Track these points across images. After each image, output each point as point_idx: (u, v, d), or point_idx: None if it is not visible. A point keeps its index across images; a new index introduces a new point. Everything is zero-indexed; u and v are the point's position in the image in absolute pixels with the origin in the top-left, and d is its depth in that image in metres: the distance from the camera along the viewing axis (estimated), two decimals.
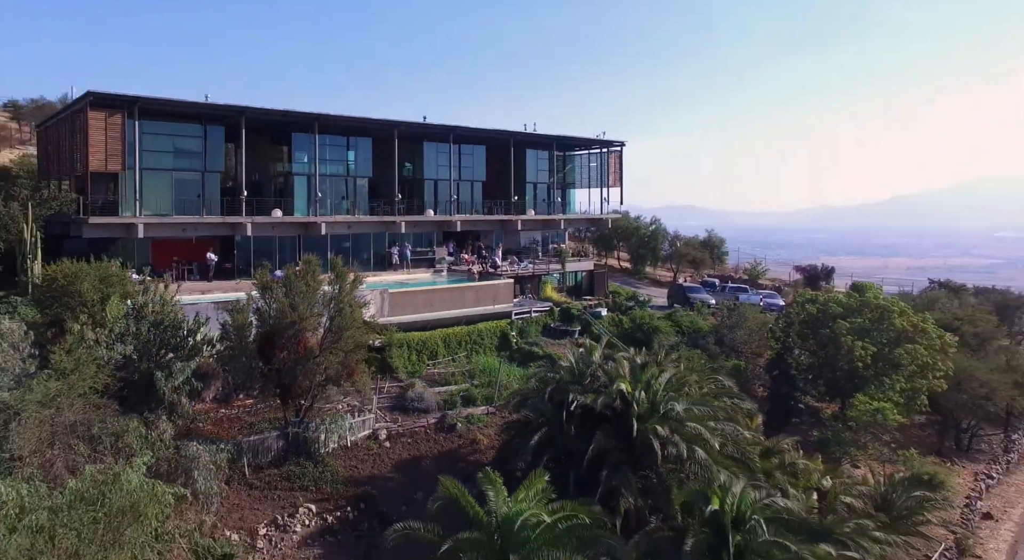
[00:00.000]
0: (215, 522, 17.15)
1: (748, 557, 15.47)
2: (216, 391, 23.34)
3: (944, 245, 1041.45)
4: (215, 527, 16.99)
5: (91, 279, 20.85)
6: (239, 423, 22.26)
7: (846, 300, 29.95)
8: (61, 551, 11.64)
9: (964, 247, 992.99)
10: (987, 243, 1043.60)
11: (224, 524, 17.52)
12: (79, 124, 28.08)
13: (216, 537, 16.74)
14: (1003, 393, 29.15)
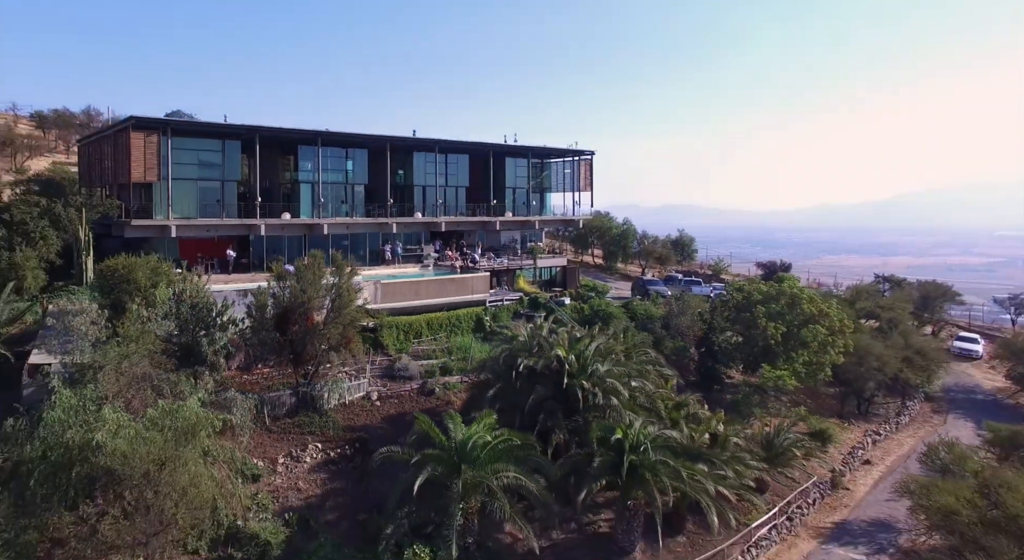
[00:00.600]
0: (245, 452, 22.71)
1: (639, 470, 21.07)
2: (239, 361, 28.84)
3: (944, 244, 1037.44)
4: (246, 455, 22.54)
5: (144, 270, 26.43)
6: (259, 386, 27.73)
7: (766, 289, 35.48)
8: (151, 448, 17.21)
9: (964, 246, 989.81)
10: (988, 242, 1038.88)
11: (251, 454, 23.05)
12: (121, 142, 33.65)
13: (246, 461, 22.32)
14: (892, 366, 34.73)
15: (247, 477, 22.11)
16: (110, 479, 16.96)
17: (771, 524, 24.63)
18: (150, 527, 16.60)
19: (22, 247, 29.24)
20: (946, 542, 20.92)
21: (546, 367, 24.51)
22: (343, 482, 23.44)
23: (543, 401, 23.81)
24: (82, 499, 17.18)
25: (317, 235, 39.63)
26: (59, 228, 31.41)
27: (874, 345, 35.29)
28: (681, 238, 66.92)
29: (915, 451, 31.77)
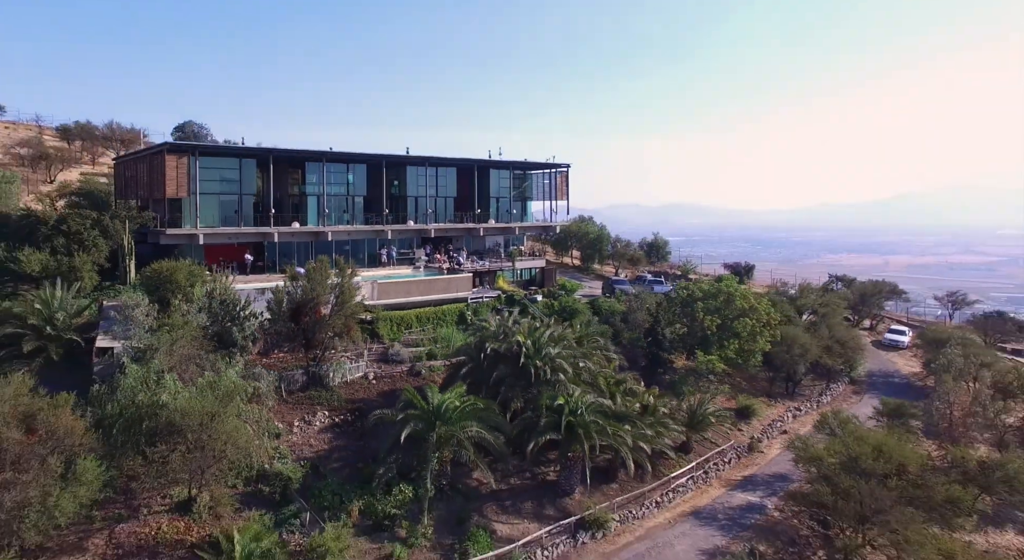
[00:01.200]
0: (269, 415, 28.78)
1: (575, 428, 27.17)
2: (260, 347, 34.87)
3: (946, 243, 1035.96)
4: (270, 417, 28.61)
5: (183, 272, 32.54)
6: (277, 366, 33.63)
7: (706, 288, 41.50)
8: (204, 404, 23.27)
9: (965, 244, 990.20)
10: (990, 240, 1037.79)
11: (273, 418, 29.10)
12: (157, 163, 39.77)
13: (270, 422, 28.40)
14: (813, 353, 40.74)
15: (271, 434, 28.24)
16: (171, 430, 23.04)
17: (689, 476, 30.71)
18: (205, 462, 22.70)
19: (79, 253, 35.39)
20: (816, 486, 26.96)
21: (508, 350, 30.57)
22: (345, 440, 29.52)
23: (504, 377, 29.90)
24: (149, 445, 23.34)
25: (322, 241, 45.72)
26: (107, 236, 37.53)
27: (799, 335, 41.32)
28: (656, 241, 73.06)
29: None
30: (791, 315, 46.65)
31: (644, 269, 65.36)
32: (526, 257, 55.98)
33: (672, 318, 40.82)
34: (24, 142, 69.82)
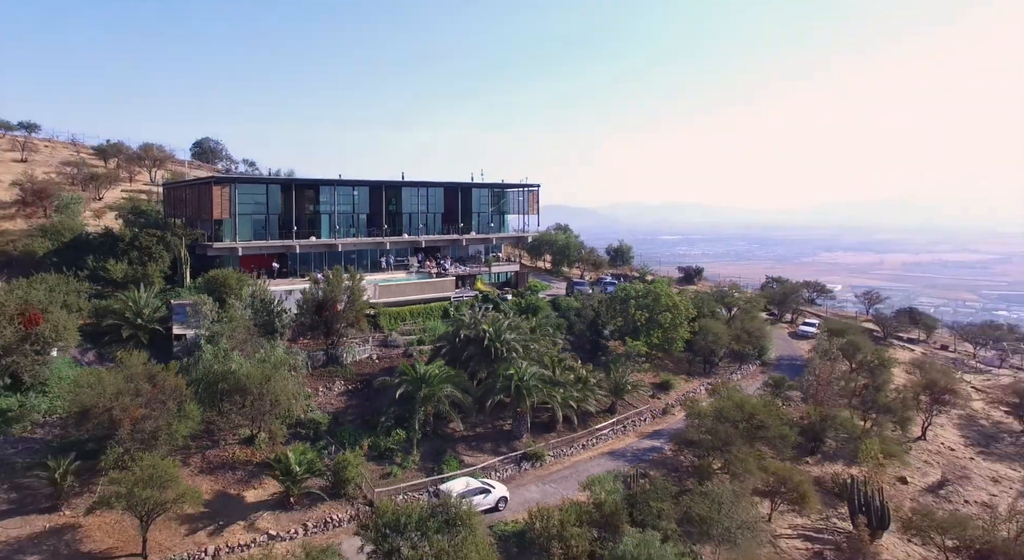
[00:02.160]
0: (303, 382, 39.57)
1: (521, 390, 38.04)
2: (290, 334, 45.82)
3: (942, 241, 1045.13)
4: (303, 384, 39.39)
5: (234, 278, 43.40)
6: (304, 349, 44.59)
7: (639, 288, 52.39)
8: (263, 371, 34.08)
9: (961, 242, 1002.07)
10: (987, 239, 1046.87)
11: (305, 385, 39.96)
12: (205, 192, 50.56)
13: (303, 387, 39.22)
14: (724, 340, 51.62)
15: (304, 396, 39.03)
16: (239, 389, 33.79)
17: (610, 428, 41.63)
18: (263, 409, 33.47)
19: (149, 263, 46.21)
20: (693, 430, 37.77)
21: (476, 335, 41.42)
22: (356, 401, 40.37)
23: (473, 355, 40.77)
24: (223, 400, 34.13)
25: (334, 251, 56.57)
26: (168, 249, 48.34)
27: (715, 326, 52.15)
28: (620, 246, 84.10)
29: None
30: (715, 310, 57.65)
31: (606, 272, 76.21)
32: (502, 262, 66.89)
33: (613, 313, 51.70)
34: (71, 162, 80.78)
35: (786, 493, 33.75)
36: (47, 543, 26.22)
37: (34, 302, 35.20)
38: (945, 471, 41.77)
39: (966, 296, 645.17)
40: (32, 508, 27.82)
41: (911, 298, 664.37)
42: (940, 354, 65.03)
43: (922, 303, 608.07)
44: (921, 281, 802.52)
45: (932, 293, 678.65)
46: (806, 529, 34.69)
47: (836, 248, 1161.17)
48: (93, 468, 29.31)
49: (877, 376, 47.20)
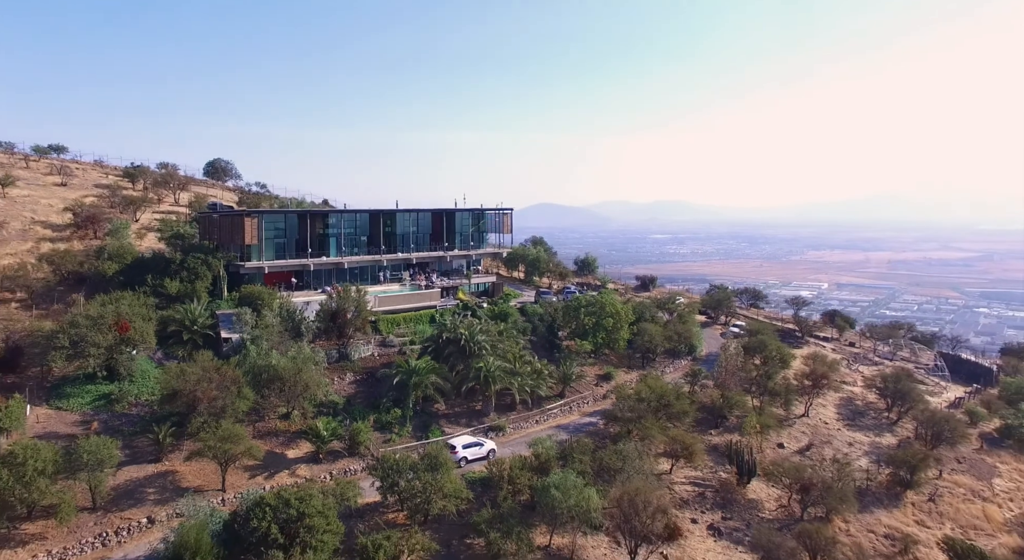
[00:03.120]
0: (323, 374, 51.68)
1: (489, 378, 50.40)
2: (310, 337, 57.97)
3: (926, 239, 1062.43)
4: (322, 375, 51.52)
5: (266, 293, 55.51)
6: (321, 348, 56.75)
7: (589, 298, 64.75)
8: (295, 365, 46.30)
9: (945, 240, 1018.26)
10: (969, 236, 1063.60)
11: (324, 375, 52.11)
12: (237, 222, 62.52)
13: (322, 378, 51.38)
14: (659, 340, 64.11)
15: (323, 384, 51.21)
16: (277, 378, 45.94)
17: (559, 409, 54.02)
18: (295, 393, 45.64)
19: (196, 281, 58.18)
20: (622, 413, 50.17)
21: (455, 337, 53.72)
22: (363, 388, 52.54)
23: (452, 352, 53.03)
24: (265, 386, 46.27)
25: (341, 268, 68.63)
26: (209, 269, 60.31)
27: (650, 328, 64.62)
28: (586, 258, 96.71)
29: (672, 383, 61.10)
30: (655, 315, 70.21)
31: (571, 281, 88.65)
32: (481, 274, 79.25)
33: (567, 318, 64.14)
34: (105, 185, 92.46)
35: (681, 452, 46.31)
36: (157, 482, 38.38)
37: (123, 314, 47.30)
38: (812, 438, 54.36)
39: (949, 294, 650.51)
40: (142, 459, 39.95)
41: (895, 296, 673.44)
42: (847, 350, 77.88)
43: (906, 301, 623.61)
44: (906, 279, 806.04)
45: (916, 291, 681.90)
46: (696, 479, 47.18)
47: (823, 246, 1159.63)
48: (179, 433, 41.45)
49: (771, 367, 59.92)
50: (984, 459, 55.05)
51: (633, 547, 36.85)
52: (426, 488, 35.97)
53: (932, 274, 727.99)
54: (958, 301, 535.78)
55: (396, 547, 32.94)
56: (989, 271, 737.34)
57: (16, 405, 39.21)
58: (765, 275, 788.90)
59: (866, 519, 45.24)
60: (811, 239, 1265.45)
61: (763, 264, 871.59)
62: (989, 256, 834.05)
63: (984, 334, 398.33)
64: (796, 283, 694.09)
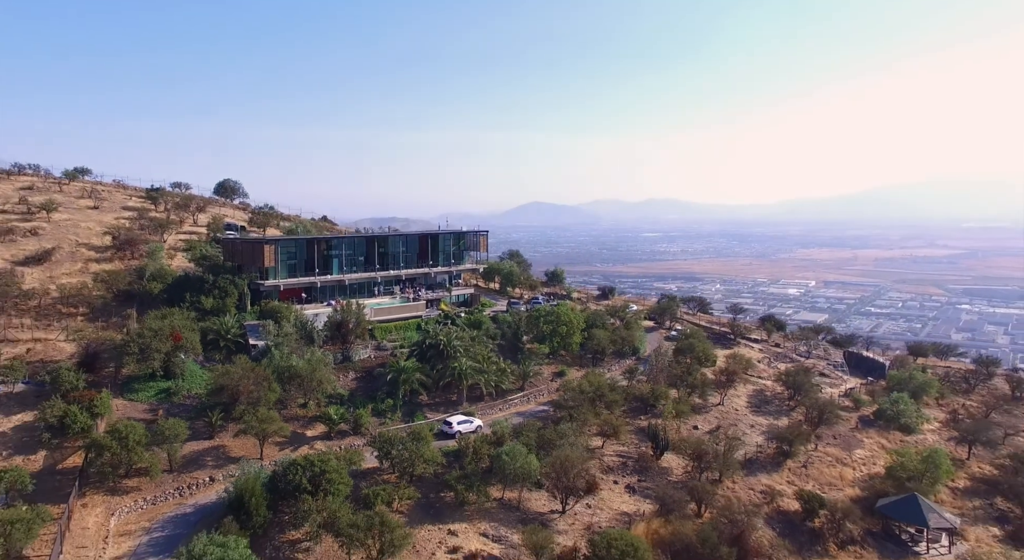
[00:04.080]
0: (331, 372, 65.25)
1: (462, 375, 64.18)
2: (320, 342, 71.58)
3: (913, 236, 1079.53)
4: (331, 373, 65.08)
5: (284, 308, 69.05)
6: (330, 353, 70.33)
7: (548, 308, 78.52)
8: (310, 365, 59.99)
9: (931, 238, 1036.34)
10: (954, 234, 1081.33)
11: (332, 374, 65.73)
12: (257, 249, 75.96)
13: (329, 375, 64.99)
14: (603, 343, 77.94)
15: (331, 381, 64.85)
16: (296, 377, 59.62)
17: (519, 399, 67.80)
18: (311, 387, 59.28)
19: (226, 298, 71.60)
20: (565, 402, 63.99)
21: (435, 342, 67.41)
22: (363, 384, 66.08)
23: (433, 355, 66.68)
24: (287, 383, 59.97)
25: (342, 284, 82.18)
26: (235, 287, 73.73)
27: (599, 333, 78.32)
28: (555, 270, 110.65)
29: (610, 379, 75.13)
30: (605, 322, 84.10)
31: (540, 292, 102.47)
32: (460, 286, 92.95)
33: (530, 325, 77.96)
34: (135, 209, 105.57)
35: (609, 432, 60.21)
36: (212, 453, 51.92)
37: (175, 327, 60.81)
38: (722, 421, 68.28)
39: (932, 291, 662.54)
40: (199, 437, 53.39)
41: (880, 293, 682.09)
42: (772, 349, 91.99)
43: (890, 298, 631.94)
44: (891, 276, 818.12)
45: (901, 288, 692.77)
46: (622, 452, 61.01)
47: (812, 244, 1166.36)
48: (225, 417, 54.95)
49: (692, 365, 73.98)
50: (855, 435, 69.13)
51: (563, 498, 50.79)
52: (411, 455, 49.66)
53: (917, 271, 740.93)
54: (941, 298, 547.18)
55: (389, 496, 46.76)
56: (973, 268, 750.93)
57: (105, 397, 52.68)
58: (754, 273, 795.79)
59: (750, 480, 59.22)
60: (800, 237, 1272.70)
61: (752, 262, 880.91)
62: (974, 253, 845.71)
63: (965, 330, 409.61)
64: (784, 281, 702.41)
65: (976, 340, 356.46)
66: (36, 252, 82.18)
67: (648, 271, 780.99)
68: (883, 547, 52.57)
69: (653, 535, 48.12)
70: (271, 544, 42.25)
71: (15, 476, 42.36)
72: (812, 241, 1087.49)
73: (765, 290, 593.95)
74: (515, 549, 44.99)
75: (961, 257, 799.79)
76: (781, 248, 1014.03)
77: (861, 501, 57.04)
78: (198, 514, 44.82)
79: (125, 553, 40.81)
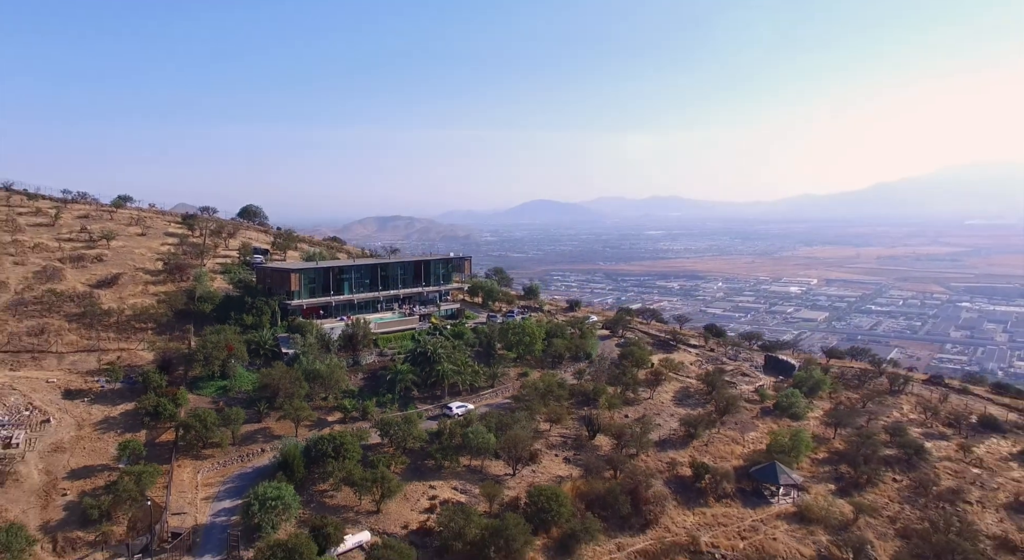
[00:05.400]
0: (345, 373, 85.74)
1: (444, 375, 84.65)
2: (336, 350, 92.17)
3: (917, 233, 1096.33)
4: (345, 374, 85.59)
5: (308, 324, 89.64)
6: (343, 358, 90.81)
7: (517, 321, 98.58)
8: (328, 368, 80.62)
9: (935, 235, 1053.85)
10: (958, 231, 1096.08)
11: (346, 375, 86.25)
12: (286, 275, 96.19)
13: (345, 376, 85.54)
14: (560, 348, 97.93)
15: (346, 380, 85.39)
16: (319, 377, 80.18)
17: (489, 394, 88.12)
18: (331, 385, 79.72)
19: (261, 315, 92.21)
20: (522, 396, 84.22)
21: (424, 350, 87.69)
22: (369, 383, 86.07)
23: (422, 360, 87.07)
24: (310, 382, 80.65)
25: (351, 302, 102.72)
26: (268, 306, 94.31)
27: (558, 342, 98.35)
28: (531, 285, 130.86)
29: (562, 379, 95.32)
30: (564, 331, 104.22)
31: (517, 305, 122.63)
32: (448, 301, 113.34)
33: (501, 335, 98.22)
34: (177, 235, 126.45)
35: (554, 418, 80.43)
36: (260, 432, 72.29)
37: (228, 339, 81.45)
38: (647, 412, 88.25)
39: (934, 289, 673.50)
40: (250, 421, 73.77)
41: (882, 291, 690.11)
42: (707, 353, 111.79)
43: (891, 296, 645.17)
44: (894, 274, 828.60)
45: (903, 286, 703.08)
46: (564, 434, 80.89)
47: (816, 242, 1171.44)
48: (268, 407, 75.53)
49: (627, 367, 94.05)
50: (753, 421, 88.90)
51: (513, 465, 71.08)
52: (404, 434, 69.90)
53: (920, 269, 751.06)
54: (942, 296, 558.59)
55: (388, 461, 67.16)
56: (976, 266, 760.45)
57: (183, 392, 73.33)
58: (756, 271, 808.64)
59: (661, 455, 79.06)
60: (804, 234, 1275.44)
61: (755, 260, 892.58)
62: (977, 251, 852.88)
63: (964, 328, 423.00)
64: (786, 279, 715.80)
65: (974, 338, 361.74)
66: (105, 277, 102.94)
67: (651, 269, 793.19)
68: (748, 500, 72.39)
69: (575, 490, 68.27)
70: (307, 492, 62.59)
71: (134, 446, 63.05)
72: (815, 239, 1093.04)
73: (767, 288, 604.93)
74: (476, 498, 65.26)
75: (964, 254, 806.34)
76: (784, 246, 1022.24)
77: (741, 469, 76.85)
78: (256, 473, 65.18)
79: (209, 496, 61.32)
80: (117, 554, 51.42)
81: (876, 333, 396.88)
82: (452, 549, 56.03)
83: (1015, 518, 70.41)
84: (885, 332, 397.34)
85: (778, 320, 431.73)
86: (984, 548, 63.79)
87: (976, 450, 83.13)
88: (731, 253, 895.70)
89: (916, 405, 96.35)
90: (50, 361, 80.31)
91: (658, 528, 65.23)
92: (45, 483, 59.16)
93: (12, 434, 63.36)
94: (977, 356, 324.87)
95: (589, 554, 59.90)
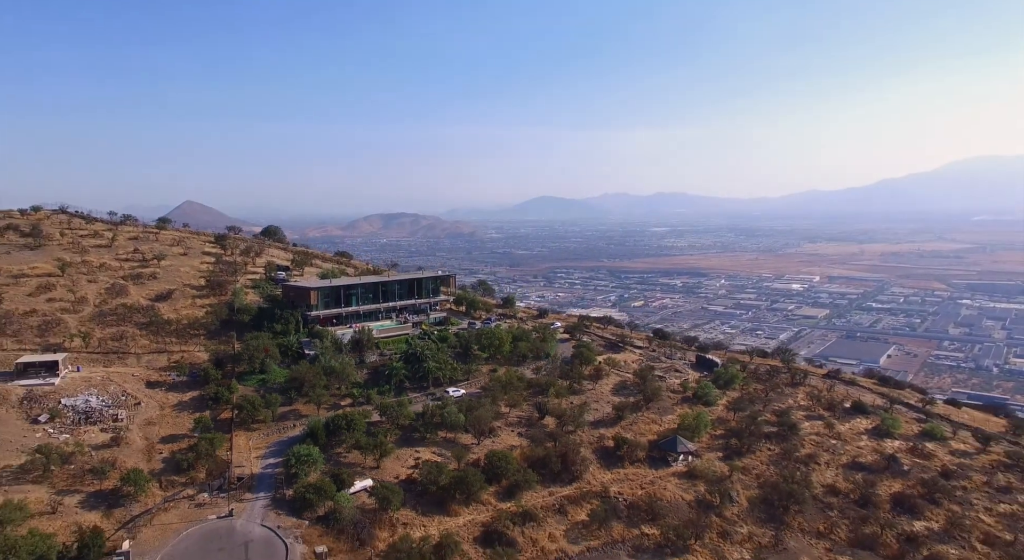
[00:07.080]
0: (355, 369, 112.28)
1: (430, 372, 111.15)
2: (347, 351, 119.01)
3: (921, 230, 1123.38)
4: (355, 370, 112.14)
5: (325, 331, 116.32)
6: (352, 358, 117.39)
7: (490, 328, 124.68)
8: (343, 365, 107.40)
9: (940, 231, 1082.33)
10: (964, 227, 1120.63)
11: (355, 371, 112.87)
12: (306, 292, 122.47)
13: (355, 371, 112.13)
14: (525, 350, 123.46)
15: (356, 375, 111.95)
16: (335, 372, 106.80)
17: (464, 385, 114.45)
18: (345, 379, 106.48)
19: (288, 324, 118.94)
20: (489, 387, 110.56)
21: (415, 351, 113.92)
22: (372, 377, 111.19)
23: (413, 359, 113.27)
24: (328, 376, 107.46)
25: (358, 313, 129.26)
26: (293, 316, 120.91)
27: (522, 345, 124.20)
28: (508, 296, 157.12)
29: (523, 373, 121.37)
30: (529, 336, 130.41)
31: (494, 313, 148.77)
32: (437, 311, 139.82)
33: (475, 340, 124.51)
34: (213, 254, 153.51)
35: (512, 403, 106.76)
36: (291, 413, 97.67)
37: (265, 343, 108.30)
38: (588, 399, 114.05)
39: (936, 286, 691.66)
40: (284, 405, 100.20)
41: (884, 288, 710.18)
42: (649, 353, 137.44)
43: (893, 293, 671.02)
44: (897, 271, 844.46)
45: (905, 283, 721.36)
46: (520, 415, 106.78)
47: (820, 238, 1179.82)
48: (297, 394, 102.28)
49: (575, 365, 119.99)
50: (673, 408, 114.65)
51: (478, 437, 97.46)
52: (397, 414, 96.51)
53: (923, 266, 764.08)
54: (944, 293, 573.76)
55: (385, 433, 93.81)
56: (979, 263, 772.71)
57: (234, 384, 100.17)
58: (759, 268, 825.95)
59: (593, 432, 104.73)
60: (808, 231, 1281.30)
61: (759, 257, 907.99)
62: (982, 248, 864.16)
63: (963, 325, 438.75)
64: (788, 276, 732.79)
65: (972, 335, 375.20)
66: (161, 292, 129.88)
67: (655, 266, 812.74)
68: (654, 464, 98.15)
69: (522, 454, 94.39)
70: (327, 453, 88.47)
71: (206, 421, 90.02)
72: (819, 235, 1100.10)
73: (769, 286, 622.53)
74: (448, 459, 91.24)
75: (968, 251, 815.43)
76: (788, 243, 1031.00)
77: (653, 442, 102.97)
78: (290, 440, 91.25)
79: (259, 455, 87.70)
80: (202, 490, 78.04)
81: (875, 330, 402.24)
82: (429, 492, 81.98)
83: (848, 473, 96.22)
84: (884, 329, 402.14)
85: (779, 317, 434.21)
86: (816, 493, 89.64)
87: (840, 427, 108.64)
88: (735, 250, 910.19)
89: (807, 395, 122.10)
90: (131, 360, 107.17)
91: (581, 482, 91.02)
92: (146, 445, 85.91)
93: (117, 412, 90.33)
94: (974, 353, 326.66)
95: (528, 497, 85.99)
